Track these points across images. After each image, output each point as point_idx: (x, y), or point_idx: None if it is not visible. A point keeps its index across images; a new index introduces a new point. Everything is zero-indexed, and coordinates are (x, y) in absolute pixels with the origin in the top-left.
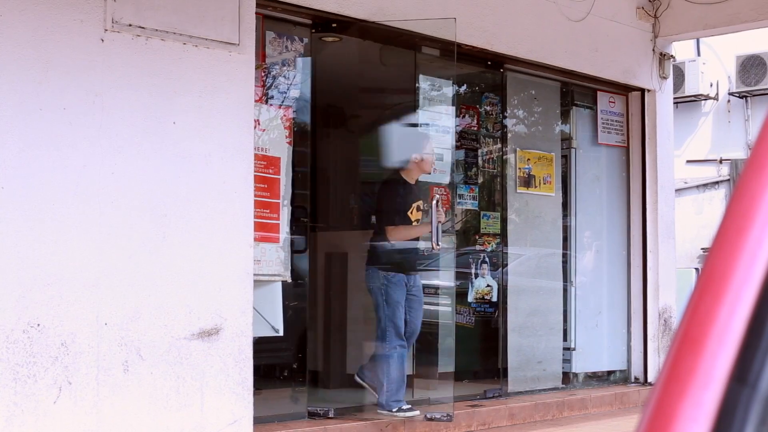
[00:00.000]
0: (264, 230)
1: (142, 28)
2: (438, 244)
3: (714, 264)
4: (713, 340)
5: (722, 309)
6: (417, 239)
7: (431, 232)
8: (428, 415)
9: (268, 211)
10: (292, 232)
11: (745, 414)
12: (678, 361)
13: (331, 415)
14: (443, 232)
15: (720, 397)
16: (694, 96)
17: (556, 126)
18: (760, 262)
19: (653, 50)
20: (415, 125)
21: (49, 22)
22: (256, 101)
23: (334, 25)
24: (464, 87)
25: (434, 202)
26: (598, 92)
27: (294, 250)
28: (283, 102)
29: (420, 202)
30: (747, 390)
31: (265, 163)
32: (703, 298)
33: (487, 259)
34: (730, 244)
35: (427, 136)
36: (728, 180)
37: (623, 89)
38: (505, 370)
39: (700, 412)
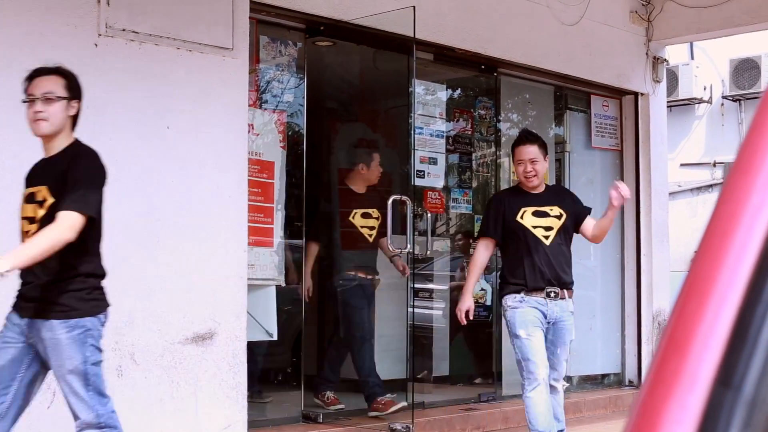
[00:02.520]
0: (258, 234)
1: (136, 32)
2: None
3: (699, 267)
4: (698, 343)
5: (707, 312)
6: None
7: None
8: (391, 426)
9: (262, 215)
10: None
11: (730, 417)
12: (663, 363)
13: (319, 420)
14: (437, 236)
15: (705, 400)
16: (688, 99)
17: (550, 130)
18: (745, 265)
19: (647, 54)
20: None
21: (42, 27)
22: (249, 105)
23: (322, 27)
24: (458, 91)
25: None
26: (592, 96)
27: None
28: (276, 106)
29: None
30: (731, 393)
31: (259, 167)
32: (689, 301)
33: None
34: (716, 247)
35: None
36: (722, 183)
37: (617, 93)
38: (500, 373)
39: (685, 415)
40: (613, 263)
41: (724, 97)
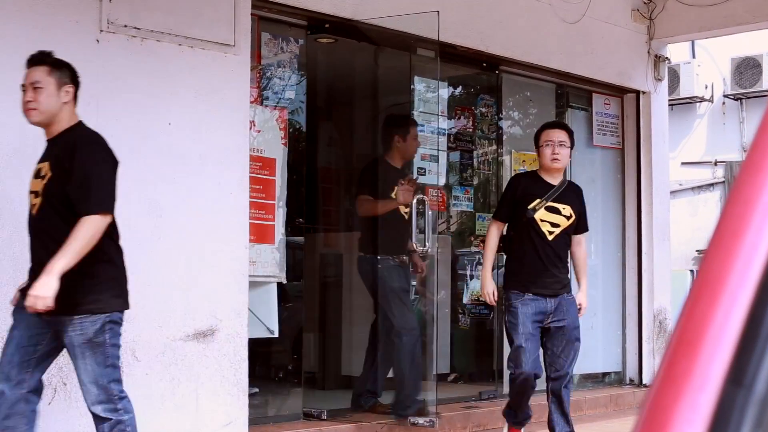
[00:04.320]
0: (259, 231)
1: (138, 29)
2: (417, 245)
3: (710, 266)
4: (709, 342)
5: (718, 311)
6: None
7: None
8: (412, 420)
9: (263, 212)
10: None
11: (741, 416)
12: (674, 362)
13: (324, 416)
14: (437, 233)
15: (716, 399)
16: (689, 98)
17: None
18: (755, 265)
19: (648, 52)
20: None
21: (44, 23)
22: (251, 102)
23: (327, 25)
24: (459, 89)
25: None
26: (593, 94)
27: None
28: (278, 103)
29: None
30: (742, 392)
31: (261, 164)
32: (699, 301)
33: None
34: (726, 246)
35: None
36: (723, 182)
37: (618, 91)
38: (501, 371)
39: (695, 414)
40: (614, 262)
41: (725, 96)
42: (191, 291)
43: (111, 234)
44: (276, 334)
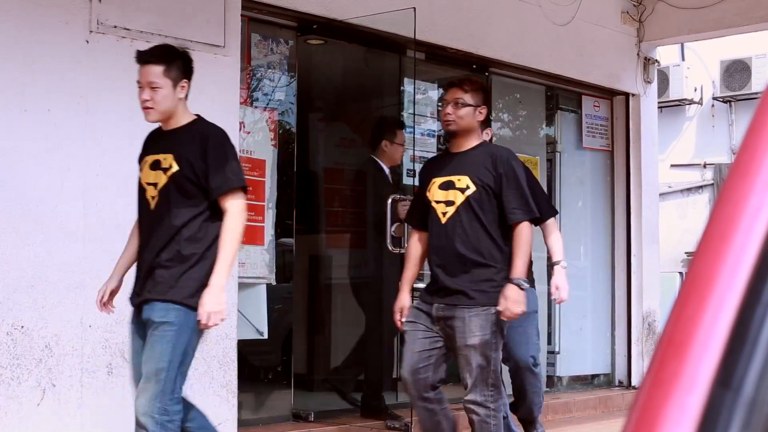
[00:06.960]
0: (248, 233)
1: (127, 29)
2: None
3: (698, 268)
4: (697, 345)
5: (706, 313)
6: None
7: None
8: (388, 424)
9: (252, 213)
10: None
11: (729, 418)
12: (662, 365)
13: (311, 418)
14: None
15: (704, 401)
16: (679, 100)
17: (541, 130)
18: (744, 267)
19: (638, 55)
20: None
21: (34, 24)
22: (241, 104)
23: (315, 26)
24: None
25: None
26: (583, 96)
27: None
28: (268, 104)
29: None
30: (731, 394)
31: (250, 165)
32: (688, 303)
33: None
34: (715, 248)
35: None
36: (712, 184)
37: (608, 93)
38: None
39: (684, 416)
40: (603, 264)
41: (714, 99)
42: None
43: None
44: (266, 336)
